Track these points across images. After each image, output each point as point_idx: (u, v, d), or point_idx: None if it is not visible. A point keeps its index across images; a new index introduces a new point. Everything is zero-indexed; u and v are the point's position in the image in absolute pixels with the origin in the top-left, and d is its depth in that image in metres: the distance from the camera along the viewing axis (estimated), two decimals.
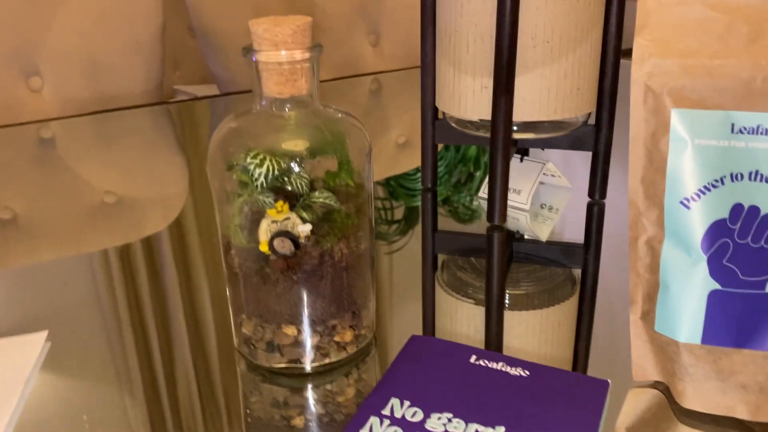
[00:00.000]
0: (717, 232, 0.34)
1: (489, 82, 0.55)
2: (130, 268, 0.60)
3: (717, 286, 0.34)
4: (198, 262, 0.60)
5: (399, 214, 0.74)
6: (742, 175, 0.33)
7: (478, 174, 0.81)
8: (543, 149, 0.65)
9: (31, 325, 0.48)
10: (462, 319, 0.51)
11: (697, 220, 0.34)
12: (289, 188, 0.36)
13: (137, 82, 1.06)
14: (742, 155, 0.33)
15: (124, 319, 0.50)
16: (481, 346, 0.47)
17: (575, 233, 0.63)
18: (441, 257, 0.59)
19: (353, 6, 1.30)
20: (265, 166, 0.35)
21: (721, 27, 0.33)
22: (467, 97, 0.56)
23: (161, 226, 0.68)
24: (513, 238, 0.61)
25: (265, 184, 0.35)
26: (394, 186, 0.81)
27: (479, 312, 0.51)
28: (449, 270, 0.57)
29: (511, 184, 0.60)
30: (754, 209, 0.33)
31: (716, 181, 0.33)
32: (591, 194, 0.64)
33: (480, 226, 0.65)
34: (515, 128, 0.56)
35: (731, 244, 0.34)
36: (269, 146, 0.36)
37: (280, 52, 0.35)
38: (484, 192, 0.63)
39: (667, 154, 0.34)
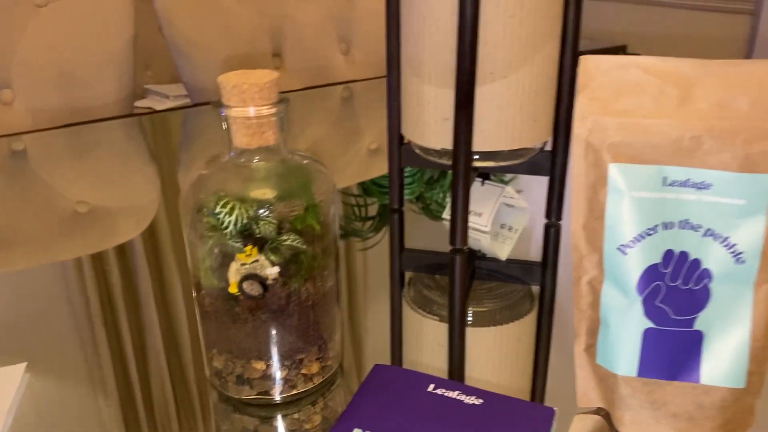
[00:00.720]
0: (651, 275, 0.37)
1: (450, 114, 0.57)
2: (104, 277, 0.62)
3: (651, 324, 0.37)
4: (171, 272, 0.62)
5: (373, 210, 0.77)
6: (673, 224, 0.36)
7: (450, 171, 0.84)
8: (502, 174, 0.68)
9: (4, 337, 0.50)
10: (427, 336, 0.54)
11: (633, 265, 0.37)
12: (258, 233, 0.38)
13: (109, 94, 1.07)
14: (672, 206, 0.36)
15: (99, 331, 0.52)
16: (446, 361, 0.50)
17: (534, 252, 0.66)
18: (408, 274, 0.62)
19: (323, 14, 1.32)
20: (234, 215, 0.37)
21: (655, 89, 0.36)
22: (430, 127, 0.59)
23: (133, 234, 0.70)
24: (475, 256, 0.64)
25: (234, 231, 0.38)
26: (368, 183, 0.84)
27: (443, 329, 0.54)
28: (415, 287, 0.60)
29: (472, 207, 0.63)
30: (684, 255, 0.37)
31: (650, 229, 0.37)
32: (548, 215, 0.67)
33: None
34: (476, 157, 0.59)
35: (663, 286, 0.37)
36: (238, 194, 0.38)
37: (248, 108, 0.37)
38: (447, 214, 0.66)
39: (605, 204, 0.37)
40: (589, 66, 0.37)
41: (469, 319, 0.56)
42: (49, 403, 0.45)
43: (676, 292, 0.37)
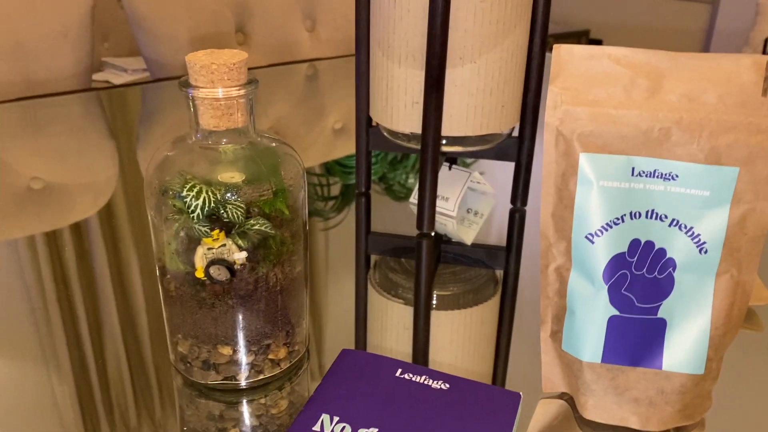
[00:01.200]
0: (617, 264, 0.38)
1: (419, 98, 0.57)
2: (59, 256, 0.60)
3: (616, 312, 0.38)
4: (129, 252, 0.61)
5: (335, 190, 0.77)
6: (640, 214, 0.37)
7: None
8: (470, 159, 0.68)
9: None
10: (392, 319, 0.54)
11: (600, 254, 0.38)
12: (225, 218, 0.37)
13: (65, 67, 1.04)
14: (640, 196, 0.37)
15: (54, 312, 0.51)
16: (410, 343, 0.50)
17: (499, 237, 0.67)
18: (373, 257, 0.62)
19: None
20: (201, 198, 0.36)
21: (626, 80, 0.36)
22: (399, 111, 0.59)
23: (90, 212, 0.68)
24: (441, 240, 0.64)
25: (201, 215, 0.37)
26: (331, 163, 0.83)
27: (408, 312, 0.54)
28: (381, 270, 0.60)
29: (439, 192, 0.63)
30: (650, 244, 0.37)
31: (617, 218, 0.37)
32: (513, 201, 0.68)
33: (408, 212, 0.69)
34: (444, 141, 0.59)
35: (629, 275, 0.38)
36: (205, 177, 0.38)
37: (216, 89, 0.36)
38: (414, 198, 0.66)
39: (574, 194, 0.37)
40: (562, 55, 0.37)
41: (434, 302, 0.56)
42: (2, 387, 0.44)
43: (641, 280, 0.38)
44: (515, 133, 0.64)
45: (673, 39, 2.38)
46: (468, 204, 0.69)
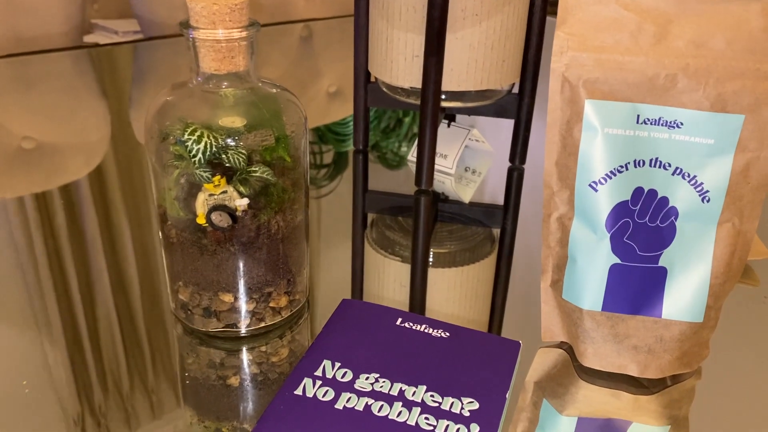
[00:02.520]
0: (620, 212, 0.38)
1: (420, 51, 0.56)
2: (50, 216, 0.60)
3: (617, 260, 0.38)
4: (122, 211, 0.61)
5: (328, 158, 0.76)
6: (643, 162, 0.37)
7: (407, 120, 0.84)
8: (469, 116, 0.67)
9: None
10: (389, 276, 0.55)
11: (603, 202, 0.37)
12: (227, 164, 0.37)
13: (56, 23, 1.02)
14: (645, 144, 0.37)
15: (51, 266, 0.51)
16: (407, 301, 0.51)
17: (496, 196, 0.67)
18: (370, 216, 0.62)
19: None
20: (203, 143, 0.36)
21: (633, 26, 0.36)
22: (399, 64, 0.58)
23: (83, 173, 0.68)
24: (438, 199, 0.64)
25: (203, 160, 0.36)
26: (324, 131, 0.82)
27: (405, 269, 0.54)
28: (378, 228, 0.60)
29: (438, 149, 0.63)
30: (653, 192, 0.37)
31: (621, 166, 0.37)
32: (512, 159, 0.68)
33: (407, 173, 0.69)
34: (443, 97, 0.59)
35: (631, 223, 0.38)
36: (206, 122, 0.37)
37: (217, 31, 0.36)
38: (412, 155, 0.66)
39: (579, 141, 0.37)
40: (569, 1, 0.36)
41: (430, 260, 0.56)
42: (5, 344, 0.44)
43: (644, 228, 0.38)
44: (515, 90, 0.63)
45: None
46: (466, 162, 0.68)
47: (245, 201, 0.38)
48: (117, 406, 0.39)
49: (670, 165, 0.37)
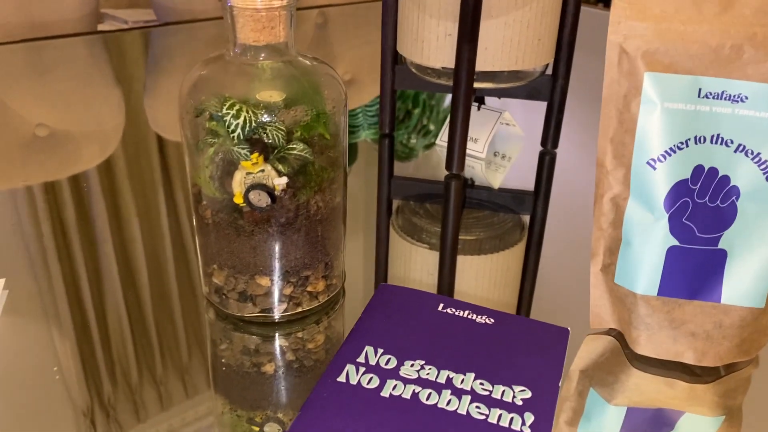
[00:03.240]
0: (679, 192, 0.36)
1: (453, 29, 0.54)
2: (72, 203, 0.58)
3: (675, 242, 0.36)
4: (141, 197, 0.59)
5: None
6: (704, 138, 0.35)
7: (416, 111, 0.82)
8: (499, 98, 0.66)
9: None
10: (416, 263, 0.53)
11: (661, 180, 0.36)
12: (267, 140, 0.35)
13: (71, 8, 1.00)
14: (706, 119, 0.35)
15: (77, 248, 0.49)
16: (434, 288, 0.49)
17: (524, 181, 0.65)
18: (395, 202, 0.60)
19: None
20: (242, 118, 0.34)
21: None
22: (430, 44, 0.56)
23: (97, 161, 0.66)
24: (466, 184, 0.62)
25: (242, 136, 0.35)
26: None
27: (432, 256, 0.53)
28: (403, 215, 0.58)
29: (468, 132, 0.61)
30: (713, 170, 0.35)
31: (681, 143, 0.35)
32: (543, 143, 0.66)
33: (416, 164, 0.67)
34: (475, 77, 0.57)
35: (690, 203, 0.36)
36: (244, 96, 0.35)
37: (257, 0, 0.34)
38: (442, 139, 0.64)
39: (637, 116, 0.35)
40: None
41: (458, 247, 0.54)
42: (28, 322, 0.42)
43: (703, 209, 0.36)
44: (548, 71, 0.61)
45: None
46: (496, 147, 0.67)
47: (284, 180, 0.36)
48: (148, 393, 0.37)
49: (732, 142, 0.35)
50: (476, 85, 0.57)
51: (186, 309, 0.44)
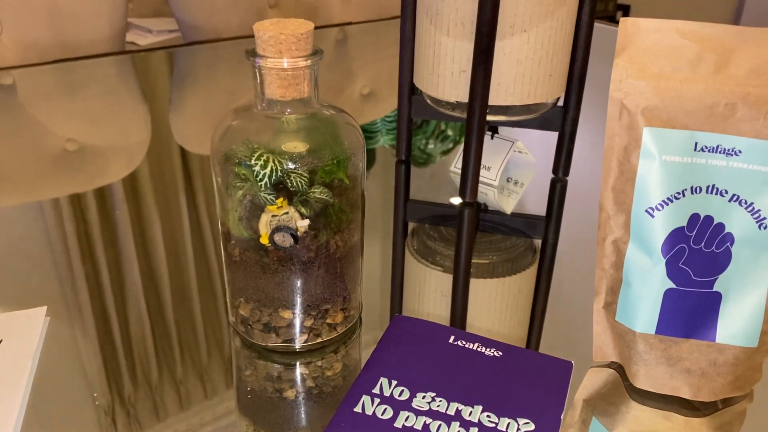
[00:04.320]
0: (676, 238, 0.38)
1: (468, 67, 0.57)
2: (96, 217, 0.62)
3: (672, 285, 0.39)
4: (165, 213, 0.62)
5: None
6: (700, 189, 0.37)
7: None
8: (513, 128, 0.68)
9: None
10: (430, 286, 0.55)
11: (659, 227, 0.38)
12: (291, 187, 0.38)
13: (100, 29, 1.04)
14: (702, 171, 0.37)
15: (104, 272, 0.53)
16: (448, 311, 0.51)
17: (537, 206, 0.67)
18: (411, 224, 0.63)
19: None
20: (269, 167, 0.37)
21: (692, 54, 0.36)
22: (445, 79, 0.59)
23: (123, 174, 0.70)
24: (479, 209, 0.65)
25: (268, 184, 0.38)
26: None
27: (446, 279, 0.55)
28: (419, 237, 0.61)
29: (481, 161, 0.63)
30: (709, 219, 0.38)
31: (678, 193, 0.37)
32: (555, 171, 0.68)
33: (432, 170, 0.69)
34: (488, 111, 0.59)
35: (687, 248, 0.38)
36: (270, 146, 0.38)
37: (283, 60, 0.37)
38: (456, 167, 0.66)
39: (637, 167, 0.38)
40: (628, 28, 0.37)
41: (471, 270, 0.57)
42: (68, 350, 0.45)
43: (699, 254, 0.38)
44: (559, 104, 0.64)
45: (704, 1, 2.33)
46: (509, 173, 0.69)
47: (306, 222, 0.39)
48: (174, 415, 0.40)
49: (727, 192, 0.37)
50: (489, 117, 0.60)
51: (216, 336, 0.47)
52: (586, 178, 0.70)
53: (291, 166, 0.38)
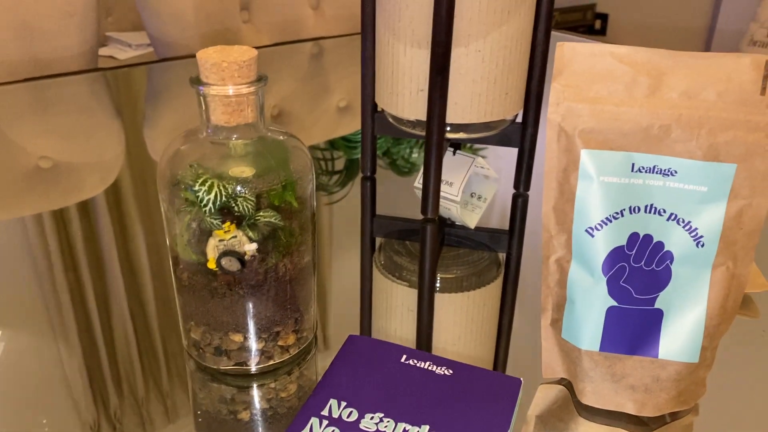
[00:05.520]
0: (616, 257, 0.39)
1: (425, 86, 0.58)
2: (69, 237, 0.62)
3: (614, 303, 0.39)
4: (138, 233, 0.63)
5: (339, 165, 0.78)
6: (639, 208, 0.38)
7: None
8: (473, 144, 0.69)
9: None
10: (396, 300, 0.56)
11: (599, 247, 0.39)
12: (236, 211, 0.38)
13: (72, 46, 1.04)
14: (640, 191, 0.38)
15: (62, 292, 0.53)
16: (414, 325, 0.52)
17: (501, 221, 0.68)
18: (378, 239, 0.64)
19: None
20: (213, 193, 0.38)
21: (627, 78, 0.37)
22: (404, 98, 0.59)
23: (98, 191, 0.70)
24: (444, 223, 0.66)
25: (213, 209, 0.38)
26: (335, 137, 0.85)
27: (413, 294, 0.56)
28: (386, 253, 0.62)
29: (443, 176, 0.64)
30: (648, 237, 0.38)
31: (617, 213, 0.38)
32: (516, 186, 0.69)
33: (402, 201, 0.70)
34: (448, 128, 0.60)
35: (627, 267, 0.39)
36: (216, 171, 0.39)
37: (227, 87, 0.37)
38: (418, 182, 0.67)
39: (575, 188, 0.38)
40: (565, 53, 0.38)
41: (437, 285, 0.57)
42: (24, 371, 0.46)
43: (639, 272, 0.39)
44: (519, 119, 0.65)
45: (681, 7, 2.35)
46: (471, 188, 0.70)
47: (254, 246, 0.40)
48: None
49: (665, 211, 0.38)
50: (449, 135, 0.61)
51: (171, 359, 0.47)
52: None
53: (239, 189, 0.38)
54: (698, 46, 2.26)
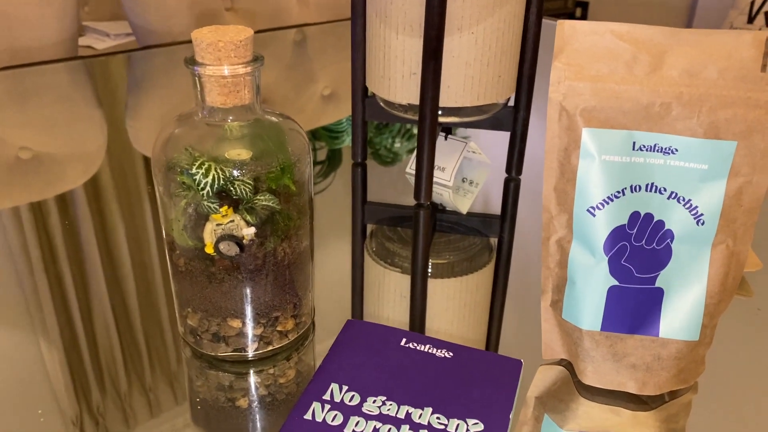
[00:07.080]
0: (617, 236, 0.39)
1: (417, 69, 0.57)
2: (47, 228, 0.61)
3: (615, 282, 0.39)
4: (125, 222, 0.61)
5: (322, 155, 0.78)
6: (640, 187, 0.38)
7: None
8: (465, 128, 0.68)
9: None
10: (389, 287, 0.56)
11: (600, 226, 0.39)
12: (234, 194, 0.38)
13: (50, 35, 1.02)
14: (640, 170, 0.38)
15: (53, 282, 0.52)
16: (407, 311, 0.52)
17: (493, 206, 0.68)
18: (369, 226, 0.63)
19: None
20: (210, 176, 0.37)
21: (628, 56, 0.37)
22: (396, 82, 0.59)
23: (80, 182, 0.69)
24: (436, 209, 0.65)
25: (210, 193, 0.37)
26: (317, 128, 0.84)
27: (405, 280, 0.56)
28: (377, 239, 0.61)
29: (436, 161, 0.64)
30: (649, 216, 0.38)
31: (618, 192, 0.38)
32: (508, 171, 0.69)
33: (400, 169, 0.70)
34: (440, 112, 0.59)
35: (628, 246, 0.39)
36: (213, 154, 0.38)
37: (223, 67, 0.36)
38: (411, 168, 0.66)
39: (577, 168, 0.38)
40: (566, 31, 0.37)
41: (429, 270, 0.57)
42: (14, 362, 0.45)
43: (640, 251, 0.39)
44: (511, 103, 0.64)
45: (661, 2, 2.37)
46: (464, 173, 0.69)
47: (252, 230, 0.39)
48: (128, 429, 0.40)
49: (665, 189, 0.38)
50: (441, 119, 0.60)
51: (167, 346, 0.47)
52: (539, 176, 0.71)
53: (235, 173, 0.38)
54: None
